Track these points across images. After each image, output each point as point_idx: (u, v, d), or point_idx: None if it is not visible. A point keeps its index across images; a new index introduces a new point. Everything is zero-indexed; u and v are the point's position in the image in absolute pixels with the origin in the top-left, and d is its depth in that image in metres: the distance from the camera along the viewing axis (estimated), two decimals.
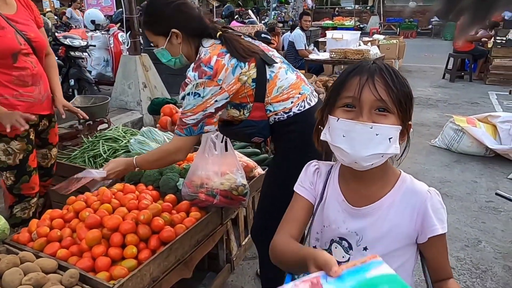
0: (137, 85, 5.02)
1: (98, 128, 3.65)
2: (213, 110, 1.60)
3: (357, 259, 0.99)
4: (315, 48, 7.33)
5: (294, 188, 1.13)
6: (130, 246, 1.59)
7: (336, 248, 1.06)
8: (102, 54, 6.44)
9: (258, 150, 2.81)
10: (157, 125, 1.87)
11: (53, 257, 1.53)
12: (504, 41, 7.90)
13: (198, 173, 1.86)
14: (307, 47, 7.05)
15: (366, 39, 9.19)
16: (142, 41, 6.47)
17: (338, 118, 0.91)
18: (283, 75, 1.66)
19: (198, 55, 1.63)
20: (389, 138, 0.89)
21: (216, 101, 1.58)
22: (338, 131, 0.91)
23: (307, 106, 1.66)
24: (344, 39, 6.92)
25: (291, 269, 1.01)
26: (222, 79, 1.55)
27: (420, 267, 1.07)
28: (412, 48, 11.64)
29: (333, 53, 6.54)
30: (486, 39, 8.61)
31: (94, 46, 6.25)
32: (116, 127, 2.82)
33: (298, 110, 1.64)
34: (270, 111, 1.63)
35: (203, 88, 1.54)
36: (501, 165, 3.96)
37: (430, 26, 17.90)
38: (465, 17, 0.61)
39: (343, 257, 1.05)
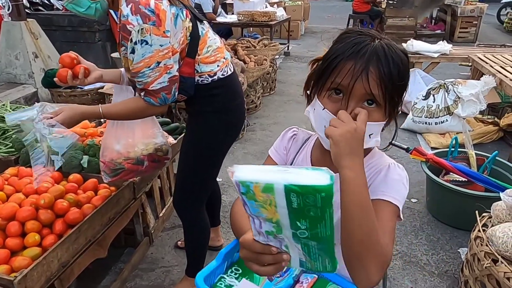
0: (26, 56, 4.45)
1: None
2: (176, 73, 1.45)
3: None
4: (222, 11, 7.15)
5: (269, 151, 1.11)
6: (32, 234, 1.47)
7: None
8: None
9: (169, 120, 2.73)
10: (55, 78, 1.58)
11: None
12: (395, 2, 8.56)
13: (116, 148, 1.71)
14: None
15: (273, 1, 9.24)
16: (27, 4, 5.70)
17: (324, 108, 0.86)
18: (212, 35, 1.60)
19: None
20: (370, 135, 0.86)
21: (175, 61, 1.44)
22: (321, 120, 0.88)
23: (230, 72, 1.63)
24: (251, 1, 6.85)
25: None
26: (170, 30, 1.38)
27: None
28: (316, 10, 12.04)
29: (241, 16, 6.47)
30: (380, 0, 9.24)
31: None
32: (3, 104, 2.50)
33: (222, 75, 1.60)
34: (197, 71, 1.55)
35: (150, 35, 1.34)
36: None
37: None
38: None
39: None
